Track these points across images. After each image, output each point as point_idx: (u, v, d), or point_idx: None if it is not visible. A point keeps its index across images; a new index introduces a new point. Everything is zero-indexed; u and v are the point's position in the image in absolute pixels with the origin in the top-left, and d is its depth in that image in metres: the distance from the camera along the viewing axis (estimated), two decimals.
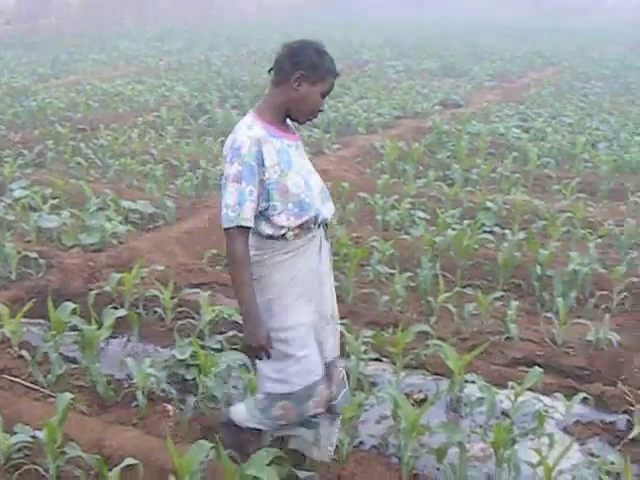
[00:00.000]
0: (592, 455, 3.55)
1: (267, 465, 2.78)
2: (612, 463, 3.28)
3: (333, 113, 11.13)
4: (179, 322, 4.68)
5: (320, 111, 2.90)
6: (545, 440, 3.40)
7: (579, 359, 4.37)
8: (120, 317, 4.42)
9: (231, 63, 18.73)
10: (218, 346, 4.32)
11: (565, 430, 3.76)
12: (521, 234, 6.10)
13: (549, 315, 4.82)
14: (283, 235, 2.83)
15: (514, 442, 3.27)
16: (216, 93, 13.36)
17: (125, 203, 6.81)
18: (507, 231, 6.26)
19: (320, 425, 3.12)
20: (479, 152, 9.15)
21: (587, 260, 5.52)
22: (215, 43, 24.19)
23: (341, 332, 4.23)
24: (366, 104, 12.37)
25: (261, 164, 2.76)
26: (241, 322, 2.95)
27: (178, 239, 6.23)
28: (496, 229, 6.56)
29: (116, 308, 4.61)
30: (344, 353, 4.21)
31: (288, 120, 2.93)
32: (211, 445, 2.94)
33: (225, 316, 4.62)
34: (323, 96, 2.84)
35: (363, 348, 4.15)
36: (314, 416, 3.04)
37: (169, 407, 3.82)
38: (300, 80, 2.78)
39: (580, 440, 3.66)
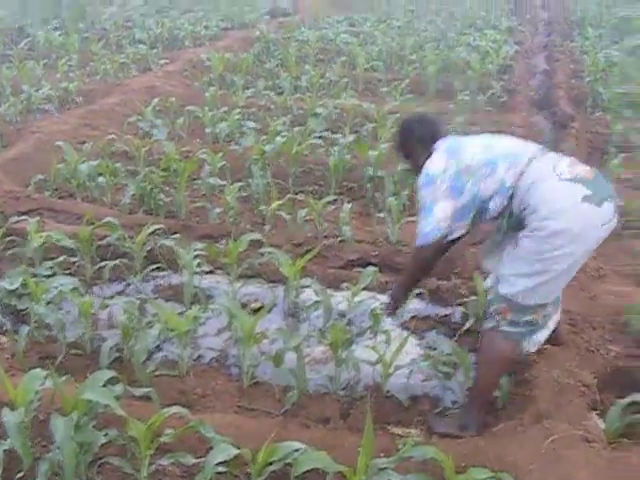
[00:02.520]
0: (430, 348, 3.71)
1: (102, 387, 2.78)
2: (449, 354, 3.48)
3: (159, 28, 10.86)
4: (8, 252, 4.53)
5: None
6: (382, 337, 3.56)
7: None
8: None
9: None
10: (49, 272, 4.22)
11: (402, 326, 3.90)
12: (351, 137, 6.19)
13: (382, 215, 4.98)
14: None
15: (352, 342, 3.40)
16: (37, 14, 12.70)
17: None
18: (338, 135, 6.36)
19: None
20: (308, 59, 9.20)
21: None
22: None
23: (172, 247, 4.28)
24: (193, 17, 12.12)
25: None
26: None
27: (3, 166, 5.98)
28: (326, 134, 6.60)
29: None
30: (178, 268, 4.26)
31: None
32: (45, 373, 2.89)
33: (54, 241, 4.51)
34: None
35: (196, 261, 4.17)
36: None
37: (3, 339, 3.72)
38: None
39: (417, 334, 3.83)
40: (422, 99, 7.80)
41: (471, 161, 3.02)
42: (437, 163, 3.08)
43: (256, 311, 3.87)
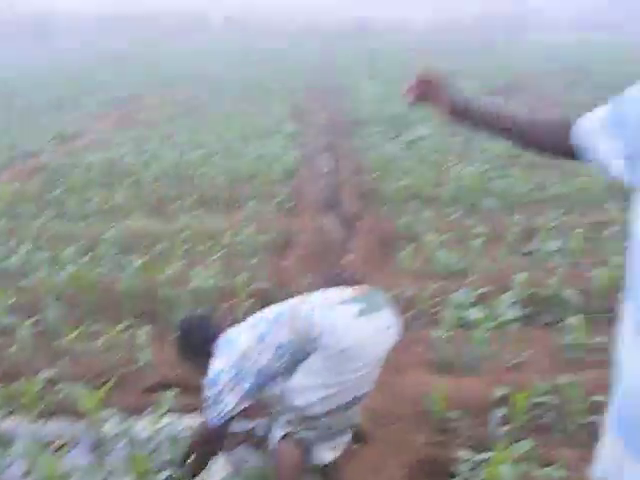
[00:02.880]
0: (239, 463, 3.76)
1: None
2: (258, 468, 3.51)
3: None
4: None
5: None
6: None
7: None
8: None
9: None
10: None
11: None
12: (143, 259, 6.23)
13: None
14: None
15: (158, 470, 3.37)
16: None
17: None
18: (129, 258, 6.36)
19: None
20: (95, 182, 9.17)
21: (211, 274, 5.80)
22: None
23: None
24: None
25: None
26: None
27: None
28: (118, 258, 6.63)
29: None
30: None
31: None
32: None
33: None
34: None
35: None
36: None
37: None
38: None
39: (225, 451, 3.85)
40: (213, 211, 7.93)
41: (244, 348, 3.22)
42: (218, 361, 3.25)
43: (60, 449, 3.79)
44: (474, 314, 5.00)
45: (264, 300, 5.57)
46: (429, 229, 6.66)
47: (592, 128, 1.89)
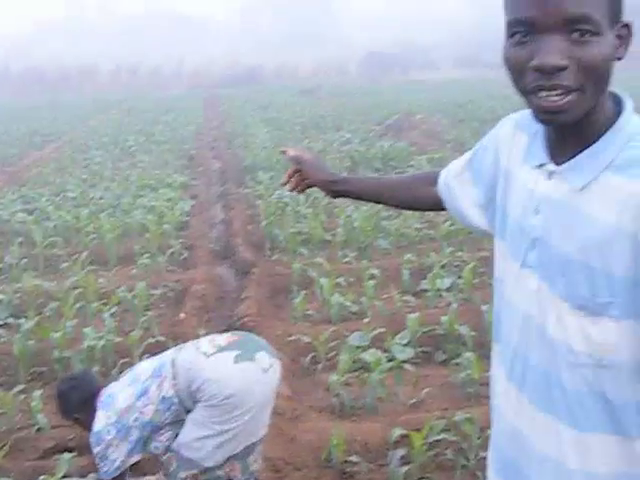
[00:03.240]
0: None
1: None
2: None
3: None
4: None
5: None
6: None
7: None
8: None
9: None
10: None
11: None
12: (36, 320, 6.09)
13: None
14: None
15: None
16: None
17: None
18: (21, 320, 6.21)
19: None
20: None
21: (103, 332, 5.71)
22: None
23: None
24: None
25: None
26: None
27: None
28: (10, 320, 6.46)
29: None
30: None
31: None
32: None
33: None
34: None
35: None
36: None
37: None
38: None
39: None
40: (104, 268, 7.82)
41: (126, 402, 3.23)
42: (100, 420, 3.25)
43: None
44: (370, 356, 5.05)
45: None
46: (323, 274, 6.71)
47: (452, 177, 1.93)
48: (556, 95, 1.41)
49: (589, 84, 1.42)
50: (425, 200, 2.06)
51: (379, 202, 2.23)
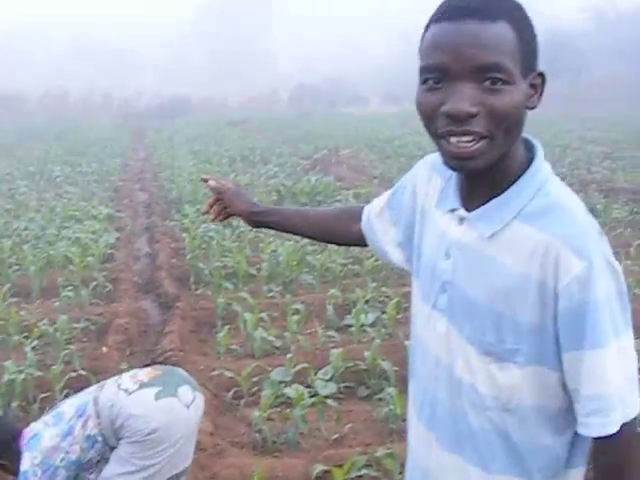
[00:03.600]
0: None
1: None
2: None
3: None
4: None
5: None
6: None
7: None
8: None
9: None
10: None
11: None
12: None
13: None
14: None
15: None
16: None
17: None
18: None
19: None
20: None
21: (24, 366, 5.61)
22: None
23: None
24: None
25: None
26: None
27: None
28: None
29: None
30: None
31: None
32: None
33: None
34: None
35: None
36: None
37: None
38: None
39: None
40: (27, 301, 7.69)
41: (51, 442, 3.20)
42: (26, 462, 3.19)
43: None
44: (293, 391, 5.07)
45: (81, 389, 5.44)
46: (247, 308, 6.72)
47: (374, 215, 1.95)
48: (466, 142, 1.44)
49: (499, 132, 1.45)
50: (349, 235, 2.08)
51: (301, 234, 2.23)
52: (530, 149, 1.60)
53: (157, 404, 3.10)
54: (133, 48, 79.70)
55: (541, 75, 1.53)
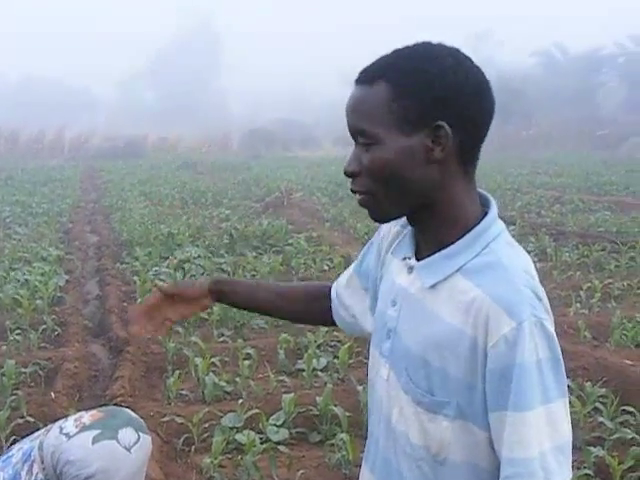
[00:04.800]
0: None
1: None
2: None
3: None
4: None
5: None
6: None
7: None
8: None
9: None
10: None
11: None
12: None
13: None
14: None
15: None
16: None
17: None
18: None
19: None
20: None
21: None
22: None
23: None
24: None
25: None
26: None
27: None
28: None
29: None
30: None
31: None
32: None
33: None
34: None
35: None
36: None
37: None
38: None
39: None
40: None
41: None
42: None
43: None
44: (244, 437, 5.03)
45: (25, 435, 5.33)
46: (198, 353, 6.67)
47: (343, 288, 1.94)
48: (358, 196, 1.58)
49: (377, 188, 1.53)
50: (317, 316, 2.06)
51: (266, 313, 2.17)
52: (486, 205, 1.61)
53: (94, 448, 3.02)
54: (86, 88, 79.34)
55: (439, 128, 1.51)
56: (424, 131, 1.50)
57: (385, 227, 1.81)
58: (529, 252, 10.35)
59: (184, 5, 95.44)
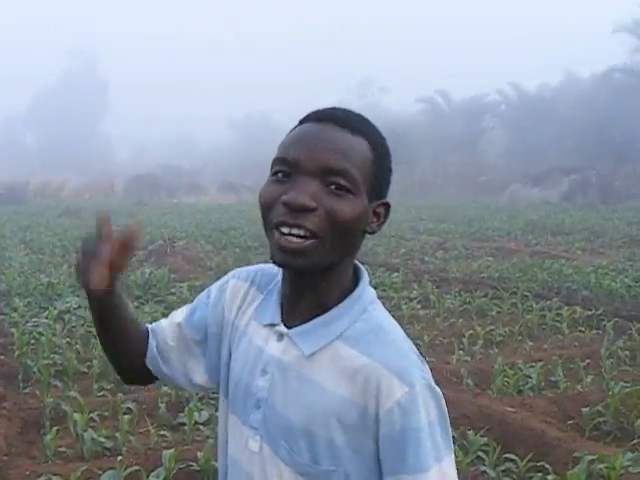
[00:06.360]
0: None
1: None
2: None
3: None
4: None
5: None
6: None
7: None
8: None
9: None
10: None
11: None
12: None
13: None
14: None
15: None
16: None
17: None
18: None
19: None
20: None
21: None
22: None
23: None
24: None
25: None
26: None
27: None
28: None
29: None
30: None
31: None
32: None
33: None
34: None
35: None
36: None
37: None
38: None
39: None
40: None
41: None
42: None
43: None
44: None
45: None
46: (77, 408, 6.50)
47: (170, 339, 1.78)
48: (296, 235, 1.43)
49: (331, 235, 1.45)
50: (134, 356, 1.79)
51: (117, 328, 1.74)
52: (356, 273, 1.61)
53: None
54: None
55: (386, 206, 1.56)
56: (374, 202, 1.52)
57: (231, 290, 1.73)
58: (412, 299, 10.62)
59: (70, 49, 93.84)
